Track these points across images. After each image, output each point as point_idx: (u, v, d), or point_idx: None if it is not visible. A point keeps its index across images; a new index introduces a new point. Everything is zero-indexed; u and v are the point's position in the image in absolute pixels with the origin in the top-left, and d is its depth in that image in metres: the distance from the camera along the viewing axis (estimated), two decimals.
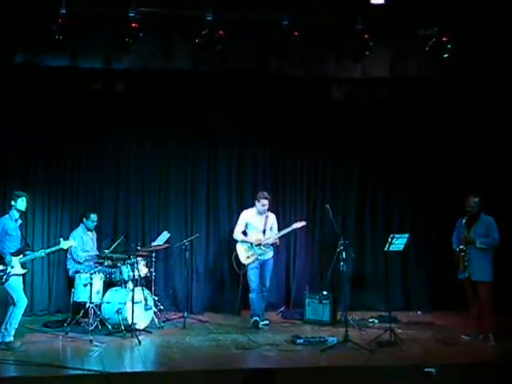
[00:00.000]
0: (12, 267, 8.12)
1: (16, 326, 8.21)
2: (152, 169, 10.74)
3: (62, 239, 8.71)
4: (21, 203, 8.36)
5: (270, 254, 9.75)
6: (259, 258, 9.63)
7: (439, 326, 9.75)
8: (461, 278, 8.87)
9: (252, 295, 9.64)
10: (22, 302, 8.22)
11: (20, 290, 8.25)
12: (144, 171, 10.70)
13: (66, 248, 8.77)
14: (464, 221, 8.87)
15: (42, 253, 8.51)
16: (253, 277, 9.62)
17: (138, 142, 10.69)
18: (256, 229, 9.69)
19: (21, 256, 8.24)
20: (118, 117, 10.46)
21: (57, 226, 10.30)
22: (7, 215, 8.35)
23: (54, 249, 8.63)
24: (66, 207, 10.41)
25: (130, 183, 10.65)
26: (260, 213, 9.71)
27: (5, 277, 8.05)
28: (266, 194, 9.73)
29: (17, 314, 8.18)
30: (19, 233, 8.40)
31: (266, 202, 9.64)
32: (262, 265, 9.70)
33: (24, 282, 8.48)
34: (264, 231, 9.70)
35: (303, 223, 9.79)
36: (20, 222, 8.44)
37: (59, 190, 10.40)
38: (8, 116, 9.89)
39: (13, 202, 8.32)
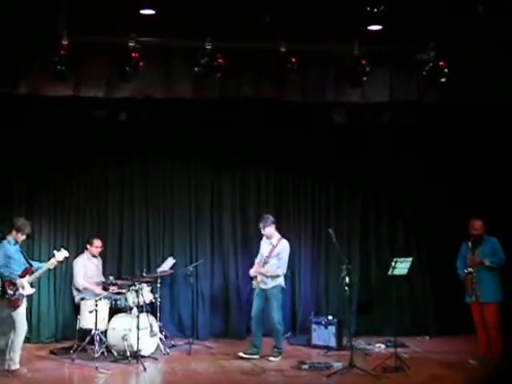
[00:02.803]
0: (23, 288, 8.22)
1: (20, 352, 8.24)
2: (155, 194, 10.83)
3: (55, 251, 8.75)
4: (21, 237, 8.43)
5: (270, 283, 9.25)
6: (260, 285, 9.31)
7: (446, 350, 9.62)
8: (468, 302, 8.84)
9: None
10: (22, 328, 8.28)
11: (23, 315, 8.32)
12: (148, 196, 10.80)
13: (61, 260, 8.71)
14: (469, 244, 8.85)
15: (44, 267, 8.57)
16: (253, 303, 9.44)
17: (142, 168, 10.81)
18: (261, 255, 9.45)
19: (27, 277, 8.33)
20: (121, 143, 10.59)
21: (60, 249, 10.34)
22: (5, 241, 8.40)
23: (50, 263, 8.61)
24: (71, 233, 10.50)
25: (134, 208, 10.75)
26: (267, 237, 9.53)
27: (20, 299, 8.16)
28: (264, 216, 9.55)
29: (19, 341, 8.22)
30: (21, 255, 8.49)
31: (260, 225, 9.49)
32: (265, 294, 9.28)
33: (27, 307, 8.58)
34: (267, 258, 9.32)
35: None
36: (18, 244, 8.49)
37: (64, 215, 10.51)
38: (13, 143, 10.07)
39: (14, 231, 8.37)
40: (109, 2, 7.65)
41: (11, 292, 8.12)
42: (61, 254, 8.68)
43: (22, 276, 8.27)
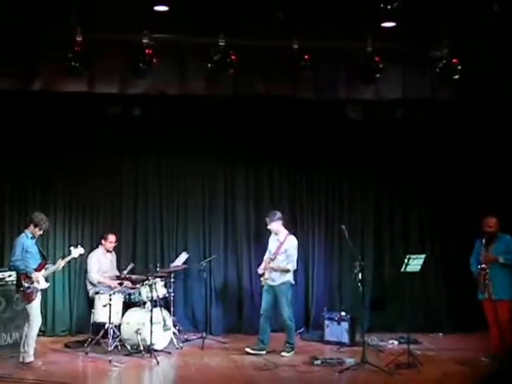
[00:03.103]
0: (38, 282, 8.31)
1: (34, 345, 8.34)
2: (169, 190, 10.91)
3: (72, 248, 8.89)
4: (38, 231, 8.51)
5: (277, 280, 9.20)
6: (267, 281, 9.30)
7: (459, 347, 9.58)
8: (480, 299, 8.82)
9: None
10: (36, 321, 8.36)
11: (38, 308, 8.40)
12: (162, 192, 10.88)
13: (76, 256, 8.87)
14: (483, 241, 8.83)
15: (59, 264, 8.69)
16: (262, 299, 9.45)
17: (155, 164, 10.87)
18: (269, 252, 9.44)
19: (43, 271, 8.43)
20: (135, 139, 10.65)
21: (77, 245, 10.41)
22: (23, 234, 8.48)
23: (68, 258, 8.80)
24: (86, 228, 10.62)
25: (148, 204, 10.83)
26: (274, 233, 9.46)
27: (34, 292, 8.25)
28: (272, 212, 9.53)
29: (32, 334, 8.31)
30: (37, 248, 8.57)
31: (267, 220, 9.46)
32: (273, 291, 9.26)
33: (42, 301, 8.67)
34: (275, 254, 9.30)
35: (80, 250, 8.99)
36: (35, 238, 8.58)
37: (79, 211, 10.62)
38: (28, 139, 10.19)
39: (32, 226, 8.45)
40: None
41: (26, 285, 8.22)
42: (77, 251, 8.81)
43: (37, 270, 8.36)
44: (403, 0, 7.08)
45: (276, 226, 9.35)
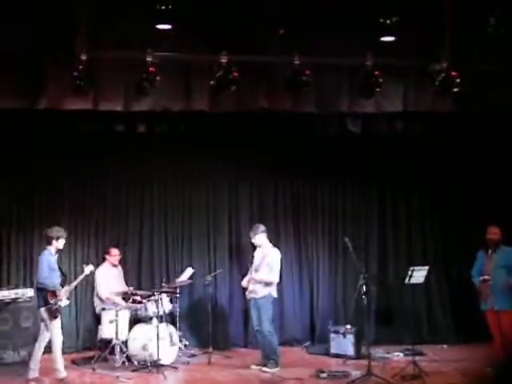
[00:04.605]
0: (61, 299, 8.41)
1: (62, 360, 8.51)
2: (174, 204, 10.99)
3: (84, 265, 9.03)
4: (61, 243, 8.61)
5: (260, 292, 9.17)
6: (251, 294, 9.32)
7: (464, 358, 9.59)
8: (483, 310, 8.86)
9: None
10: (59, 337, 8.45)
11: (59, 325, 8.50)
12: (167, 207, 10.96)
13: (88, 273, 8.97)
14: (486, 252, 8.89)
15: (77, 281, 8.82)
16: (252, 315, 9.47)
17: (160, 178, 10.98)
18: (254, 264, 9.44)
19: (66, 287, 8.52)
20: (139, 155, 10.78)
21: (83, 259, 10.44)
22: (46, 251, 8.54)
23: (82, 276, 8.90)
24: (91, 245, 10.67)
25: (154, 219, 10.91)
26: (258, 246, 9.48)
27: (59, 309, 8.37)
28: (255, 225, 9.62)
29: (59, 350, 8.45)
30: (57, 266, 8.63)
31: (251, 234, 9.52)
32: (255, 304, 9.27)
33: None
34: (258, 267, 9.29)
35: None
36: (57, 254, 8.69)
37: (85, 228, 10.68)
38: (34, 156, 10.32)
39: (54, 241, 8.52)
40: (126, 17, 7.81)
41: (52, 302, 8.29)
42: (88, 268, 8.93)
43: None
44: (402, 14, 7.18)
45: (260, 239, 9.39)
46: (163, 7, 6.98)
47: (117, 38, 7.93)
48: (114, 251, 10.18)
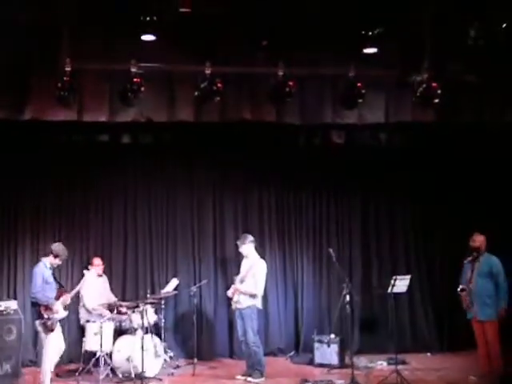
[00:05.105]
0: (57, 312, 8.29)
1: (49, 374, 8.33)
2: (159, 214, 10.96)
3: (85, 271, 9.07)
4: (57, 262, 8.46)
5: (244, 303, 9.18)
6: (236, 304, 9.32)
7: (447, 367, 9.67)
8: (469, 318, 8.88)
9: None
10: (51, 351, 8.29)
11: (57, 338, 8.38)
12: (151, 217, 10.94)
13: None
14: (469, 260, 8.91)
15: (74, 291, 8.73)
16: (236, 326, 9.48)
17: (144, 189, 10.96)
18: (240, 274, 9.43)
19: (61, 299, 8.38)
20: (124, 165, 10.80)
21: (67, 270, 10.44)
22: (41, 263, 8.42)
23: (78, 288, 8.86)
24: (76, 257, 10.56)
25: (138, 230, 10.89)
26: (245, 256, 9.49)
27: (54, 323, 8.22)
28: (243, 235, 9.66)
29: (47, 366, 8.28)
30: (53, 279, 8.50)
31: (238, 243, 9.55)
32: (240, 314, 9.27)
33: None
34: (244, 277, 9.29)
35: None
36: (52, 268, 8.54)
37: (70, 238, 10.49)
38: (19, 168, 10.28)
39: (52, 256, 8.38)
40: (110, 28, 7.84)
41: (47, 316, 8.17)
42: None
43: (56, 299, 8.33)
44: (384, 26, 7.27)
45: (247, 249, 9.41)
46: (147, 18, 7.01)
47: (101, 48, 7.99)
48: (97, 261, 10.13)
